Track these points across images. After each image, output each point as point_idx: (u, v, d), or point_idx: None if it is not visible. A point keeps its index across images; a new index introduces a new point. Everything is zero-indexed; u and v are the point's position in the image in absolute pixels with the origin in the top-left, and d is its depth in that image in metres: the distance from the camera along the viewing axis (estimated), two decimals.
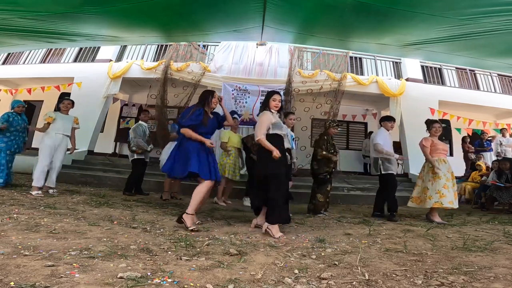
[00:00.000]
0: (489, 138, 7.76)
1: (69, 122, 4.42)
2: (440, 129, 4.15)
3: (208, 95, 3.04)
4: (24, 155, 4.95)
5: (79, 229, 2.26)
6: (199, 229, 2.64)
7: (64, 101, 4.49)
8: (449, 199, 3.79)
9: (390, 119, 4.30)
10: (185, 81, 7.96)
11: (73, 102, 4.56)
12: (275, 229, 2.58)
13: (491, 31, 3.34)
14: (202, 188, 2.77)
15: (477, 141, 7.81)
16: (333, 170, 4.33)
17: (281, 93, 7.45)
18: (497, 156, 6.95)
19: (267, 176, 2.73)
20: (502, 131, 7.41)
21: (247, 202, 4.85)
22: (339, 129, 4.49)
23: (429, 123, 4.21)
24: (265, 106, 2.96)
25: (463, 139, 7.86)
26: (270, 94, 3.00)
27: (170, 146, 4.80)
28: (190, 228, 2.56)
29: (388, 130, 4.20)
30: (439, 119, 8.02)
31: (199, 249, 1.96)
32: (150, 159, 5.38)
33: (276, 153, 2.65)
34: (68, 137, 4.42)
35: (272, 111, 2.94)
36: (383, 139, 4.10)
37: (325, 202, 4.22)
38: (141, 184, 5.14)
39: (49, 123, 4.23)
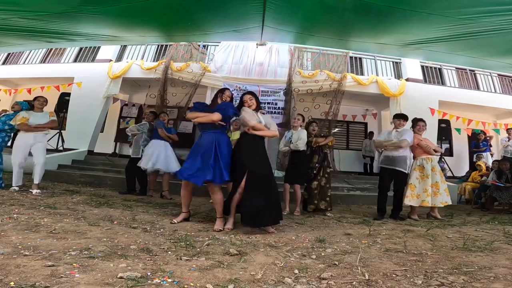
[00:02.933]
0: (487, 138, 7.76)
1: (43, 119, 4.31)
2: (424, 127, 4.29)
3: (217, 94, 3.08)
4: None
5: (79, 229, 2.26)
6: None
7: (40, 99, 4.41)
8: (407, 194, 4.05)
9: (399, 117, 4.20)
10: (185, 81, 7.97)
11: (46, 100, 4.47)
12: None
13: (492, 30, 3.34)
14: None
15: (473, 142, 7.81)
16: (317, 166, 4.30)
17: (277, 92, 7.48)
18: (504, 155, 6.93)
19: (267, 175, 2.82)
20: (508, 131, 7.37)
21: None
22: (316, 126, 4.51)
23: (414, 121, 4.35)
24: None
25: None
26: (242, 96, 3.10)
27: (152, 145, 4.85)
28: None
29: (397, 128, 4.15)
30: (439, 119, 8.06)
31: (199, 249, 1.95)
32: None
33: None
34: (45, 133, 4.34)
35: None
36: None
37: (311, 198, 4.26)
38: (141, 183, 5.09)
39: (25, 124, 4.18)
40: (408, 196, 4.02)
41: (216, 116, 2.77)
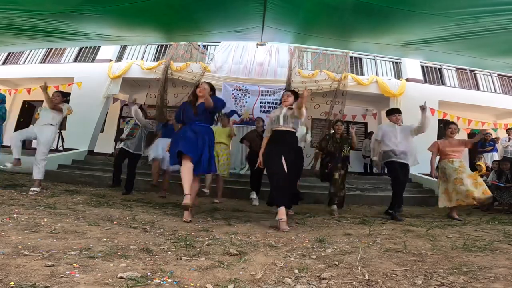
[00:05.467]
0: (494, 139, 7.74)
1: (50, 112, 4.28)
2: (456, 130, 4.35)
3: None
4: (23, 155, 4.90)
5: (79, 229, 2.26)
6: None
7: (53, 94, 4.44)
8: (457, 198, 4.01)
9: (392, 112, 4.27)
10: (185, 81, 7.97)
11: (62, 93, 4.53)
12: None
13: (491, 30, 3.34)
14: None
15: (480, 142, 7.79)
16: (332, 159, 4.30)
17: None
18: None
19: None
20: (508, 131, 7.37)
21: (255, 201, 4.87)
22: (341, 125, 4.50)
23: (445, 124, 4.46)
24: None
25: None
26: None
27: (157, 143, 4.95)
28: None
29: (395, 124, 4.17)
30: (439, 119, 8.06)
31: (199, 249, 1.95)
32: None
33: None
34: (51, 125, 4.26)
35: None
36: (382, 134, 4.15)
37: (335, 192, 4.23)
38: (122, 178, 5.16)
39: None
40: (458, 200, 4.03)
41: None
